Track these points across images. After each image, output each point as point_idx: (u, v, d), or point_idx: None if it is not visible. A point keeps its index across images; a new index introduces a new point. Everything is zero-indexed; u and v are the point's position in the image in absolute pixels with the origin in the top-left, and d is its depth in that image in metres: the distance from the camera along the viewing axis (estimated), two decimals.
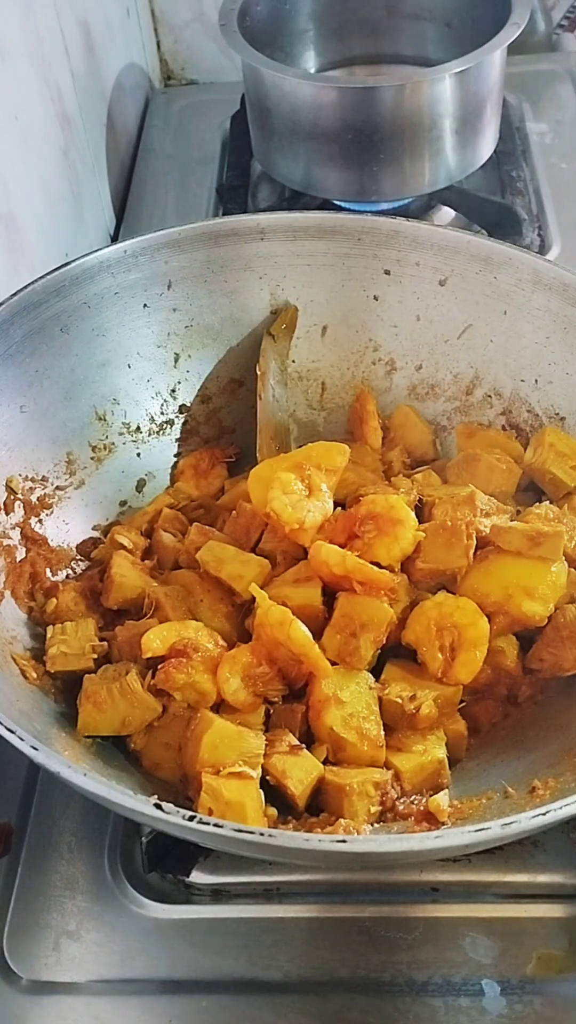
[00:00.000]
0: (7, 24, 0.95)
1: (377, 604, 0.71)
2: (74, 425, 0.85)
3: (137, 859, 0.73)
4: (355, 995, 0.66)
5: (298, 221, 0.90)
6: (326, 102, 1.06)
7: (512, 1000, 0.65)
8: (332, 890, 0.71)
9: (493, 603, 0.72)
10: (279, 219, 0.90)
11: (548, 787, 0.65)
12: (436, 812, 0.66)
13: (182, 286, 0.89)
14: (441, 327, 0.90)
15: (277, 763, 0.68)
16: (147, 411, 0.91)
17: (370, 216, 0.89)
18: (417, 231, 0.87)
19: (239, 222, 0.89)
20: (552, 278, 0.82)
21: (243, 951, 0.68)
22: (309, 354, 0.94)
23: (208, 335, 0.91)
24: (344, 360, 0.94)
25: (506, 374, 0.88)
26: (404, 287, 0.89)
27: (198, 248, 0.88)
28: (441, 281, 0.88)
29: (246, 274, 0.90)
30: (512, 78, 1.24)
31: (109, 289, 0.85)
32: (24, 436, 0.81)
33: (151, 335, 0.89)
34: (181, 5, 1.53)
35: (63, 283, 0.82)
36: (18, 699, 0.68)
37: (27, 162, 1.00)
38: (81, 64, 1.18)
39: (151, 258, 0.87)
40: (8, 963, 0.69)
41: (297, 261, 0.90)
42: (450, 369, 0.90)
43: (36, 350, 0.81)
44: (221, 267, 0.89)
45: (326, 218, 0.90)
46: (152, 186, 1.34)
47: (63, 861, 0.73)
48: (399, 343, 0.92)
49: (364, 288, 0.90)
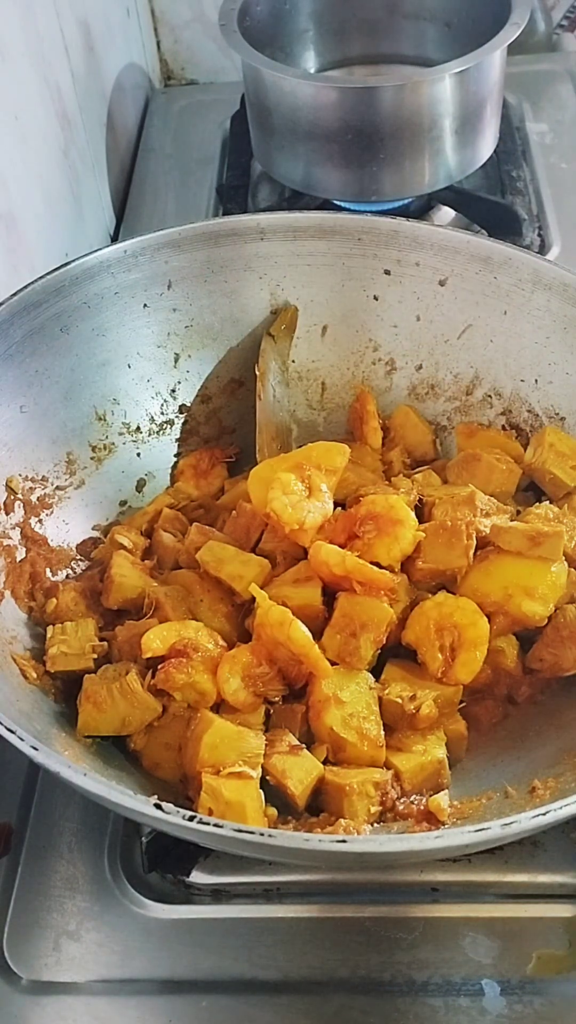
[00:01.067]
0: (7, 24, 0.95)
1: (377, 604, 0.71)
2: (74, 425, 0.85)
3: (137, 859, 0.73)
4: (355, 995, 0.66)
5: (298, 221, 0.90)
6: (326, 102, 1.06)
7: (512, 1000, 0.65)
8: (332, 890, 0.71)
9: (493, 603, 0.72)
10: (279, 219, 0.90)
11: (548, 787, 0.65)
12: (436, 812, 0.66)
13: (182, 286, 0.89)
14: (441, 327, 0.90)
15: (277, 763, 0.68)
16: (147, 411, 0.91)
17: (370, 216, 0.89)
18: (417, 231, 0.87)
19: (239, 222, 0.89)
20: (552, 278, 0.82)
21: (243, 951, 0.68)
22: (309, 354, 0.94)
23: (208, 335, 0.91)
24: (344, 360, 0.94)
25: (506, 374, 0.88)
26: (404, 287, 0.89)
27: (198, 248, 0.88)
28: (441, 281, 0.88)
29: (246, 274, 0.90)
30: (512, 78, 1.24)
31: (109, 289, 0.85)
32: (24, 436, 0.81)
33: (151, 335, 0.89)
34: (181, 5, 1.53)
35: (63, 283, 0.82)
36: (18, 699, 0.68)
37: (27, 162, 1.00)
38: (81, 64, 1.18)
39: (151, 258, 0.87)
40: (8, 963, 0.69)
41: (297, 261, 0.90)
42: (450, 369, 0.90)
43: (36, 350, 0.81)
44: (221, 267, 0.89)
45: (326, 218, 0.90)
46: (152, 186, 1.34)
47: (63, 861, 0.73)
48: (399, 343, 0.92)
49: (364, 288, 0.90)
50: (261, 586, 0.74)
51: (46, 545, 0.81)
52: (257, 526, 0.80)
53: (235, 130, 1.36)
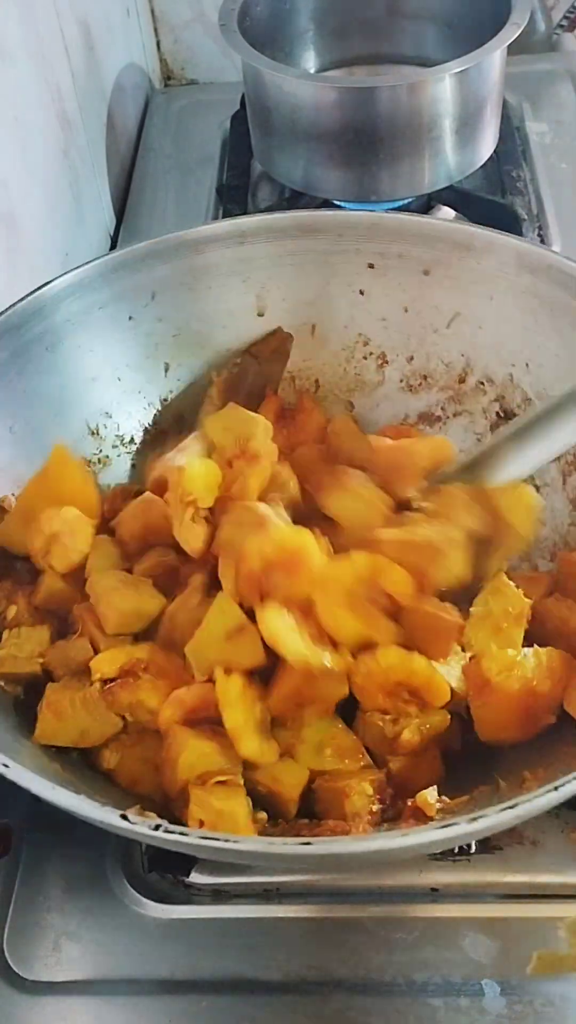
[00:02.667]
0: (7, 24, 0.95)
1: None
2: (67, 441, 0.84)
3: (137, 859, 0.73)
4: (355, 995, 0.66)
5: (277, 222, 0.89)
6: (326, 102, 1.06)
7: (512, 1000, 0.65)
8: (332, 890, 0.71)
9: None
10: (258, 221, 0.89)
11: (538, 777, 0.64)
12: (424, 807, 0.65)
13: (166, 295, 0.88)
14: (429, 317, 0.89)
15: (266, 771, 0.67)
16: (140, 422, 0.90)
17: (348, 211, 0.89)
18: (397, 222, 0.87)
19: (217, 227, 0.89)
20: (535, 260, 0.82)
21: (243, 951, 0.68)
22: (301, 353, 0.93)
23: (197, 342, 0.91)
24: (336, 356, 0.93)
25: (497, 360, 0.87)
26: (389, 279, 0.89)
27: (179, 257, 0.87)
28: (425, 271, 0.88)
29: (229, 279, 0.90)
30: (512, 78, 1.23)
31: (93, 304, 0.84)
32: (14, 457, 0.80)
33: (139, 347, 0.88)
34: (181, 5, 1.53)
35: (45, 302, 0.81)
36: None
37: (27, 162, 1.00)
38: (81, 64, 1.18)
39: (133, 270, 0.86)
40: (8, 963, 0.69)
41: (280, 262, 0.90)
42: (441, 359, 0.90)
43: (23, 370, 0.80)
44: (204, 273, 0.89)
45: (305, 216, 0.90)
46: (152, 186, 1.34)
47: (63, 861, 0.73)
48: (388, 336, 0.91)
49: (349, 283, 0.90)
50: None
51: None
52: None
53: (235, 130, 1.36)
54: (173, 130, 1.44)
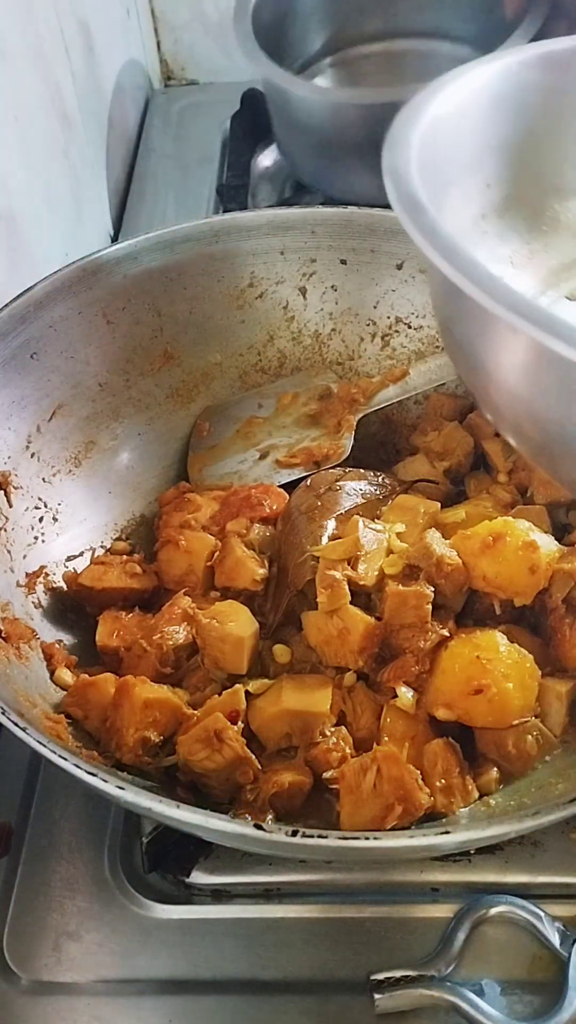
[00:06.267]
0: (7, 24, 0.95)
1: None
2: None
3: (137, 859, 0.73)
4: (355, 995, 0.66)
5: (251, 221, 0.90)
6: (347, 119, 1.08)
7: (512, 1000, 0.65)
8: (332, 890, 0.71)
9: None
10: (231, 220, 0.90)
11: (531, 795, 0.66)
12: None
13: (143, 298, 0.88)
14: (402, 310, 0.91)
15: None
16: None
17: (320, 208, 0.91)
18: (369, 218, 0.89)
19: (192, 227, 0.89)
20: None
21: (243, 951, 0.68)
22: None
23: (176, 344, 0.91)
24: (315, 355, 0.94)
25: None
26: (362, 275, 0.90)
27: (155, 259, 0.87)
28: (398, 265, 0.89)
29: (205, 279, 0.90)
30: None
31: (72, 309, 0.84)
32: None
33: (120, 350, 0.88)
34: (181, 5, 1.53)
35: (27, 309, 0.81)
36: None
37: (27, 162, 1.00)
38: (81, 64, 1.18)
39: (110, 273, 0.86)
40: (8, 963, 0.69)
41: (254, 260, 0.91)
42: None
43: (10, 380, 0.80)
44: (179, 274, 0.89)
45: (277, 214, 0.91)
46: (152, 186, 1.34)
47: (63, 861, 0.73)
48: (364, 331, 0.93)
49: (323, 280, 0.92)
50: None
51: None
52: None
53: (235, 130, 1.36)
54: (173, 130, 1.44)
